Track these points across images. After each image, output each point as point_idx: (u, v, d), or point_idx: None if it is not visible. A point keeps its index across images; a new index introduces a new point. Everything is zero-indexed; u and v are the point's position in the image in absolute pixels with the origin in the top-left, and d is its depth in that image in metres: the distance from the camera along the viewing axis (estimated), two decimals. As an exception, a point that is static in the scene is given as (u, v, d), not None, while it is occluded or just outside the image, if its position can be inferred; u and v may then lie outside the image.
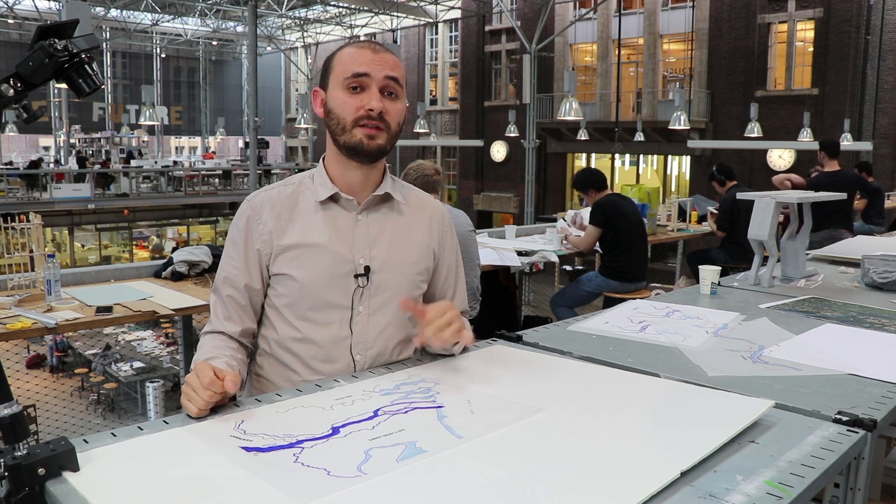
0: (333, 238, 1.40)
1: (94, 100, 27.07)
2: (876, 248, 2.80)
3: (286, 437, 1.04)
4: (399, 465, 0.94)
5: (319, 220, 1.41)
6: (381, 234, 1.44)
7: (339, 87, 1.37)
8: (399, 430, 1.06)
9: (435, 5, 22.21)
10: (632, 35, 19.00)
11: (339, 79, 1.37)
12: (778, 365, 1.47)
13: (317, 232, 1.40)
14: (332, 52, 1.44)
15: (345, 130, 1.37)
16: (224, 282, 1.44)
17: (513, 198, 21.53)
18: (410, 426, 1.07)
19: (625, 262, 4.64)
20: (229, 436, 1.05)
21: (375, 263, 1.41)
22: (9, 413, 0.88)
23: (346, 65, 1.37)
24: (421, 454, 0.97)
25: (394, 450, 0.99)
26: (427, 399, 1.20)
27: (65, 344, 10.70)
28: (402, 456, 0.97)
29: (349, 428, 1.07)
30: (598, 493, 0.88)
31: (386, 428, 1.07)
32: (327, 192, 1.41)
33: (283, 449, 1.00)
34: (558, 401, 1.21)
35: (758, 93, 16.57)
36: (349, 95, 1.36)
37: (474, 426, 1.08)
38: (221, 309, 1.44)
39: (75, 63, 0.94)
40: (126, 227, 20.21)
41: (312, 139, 24.27)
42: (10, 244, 3.30)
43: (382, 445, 1.00)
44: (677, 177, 19.55)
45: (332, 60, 1.41)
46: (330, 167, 1.44)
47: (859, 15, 15.31)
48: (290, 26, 27.44)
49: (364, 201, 1.43)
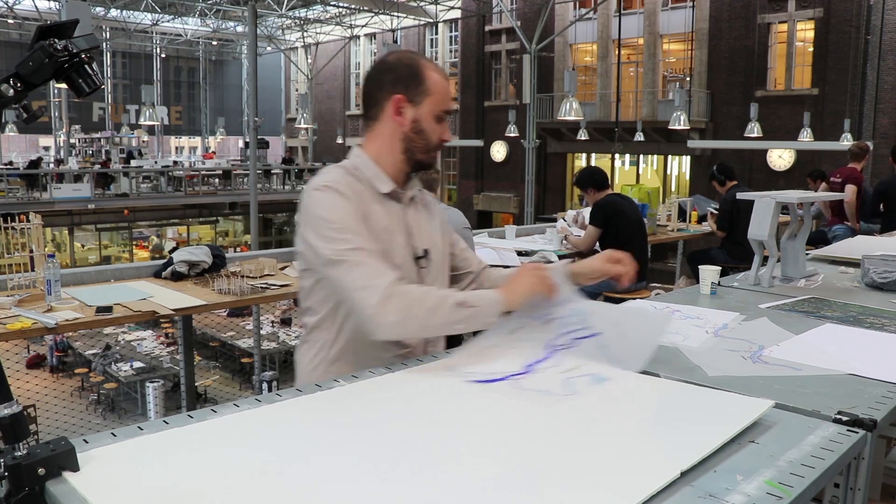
0: (396, 226, 1.53)
1: (94, 100, 27.05)
2: (876, 248, 2.80)
3: (499, 372, 1.30)
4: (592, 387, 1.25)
5: (383, 211, 1.52)
6: (420, 222, 1.60)
7: (433, 113, 1.52)
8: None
9: (435, 5, 22.21)
10: (632, 35, 19.00)
11: (436, 106, 1.52)
12: (778, 365, 1.47)
13: (384, 221, 1.50)
14: (415, 61, 1.53)
15: (428, 151, 1.55)
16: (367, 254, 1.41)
17: (513, 198, 21.53)
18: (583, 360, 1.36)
19: (625, 262, 4.63)
20: (453, 376, 1.31)
21: (427, 247, 1.58)
22: (9, 413, 0.88)
23: (443, 96, 1.53)
24: (606, 381, 1.27)
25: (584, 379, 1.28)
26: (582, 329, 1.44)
27: (65, 344, 10.70)
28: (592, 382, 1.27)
29: (537, 366, 1.33)
30: (598, 492, 0.88)
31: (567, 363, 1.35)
32: (389, 187, 1.53)
33: (502, 380, 1.27)
34: (558, 401, 1.21)
35: (758, 93, 16.56)
36: (437, 123, 1.54)
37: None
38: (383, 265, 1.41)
39: (75, 63, 0.94)
40: (126, 227, 20.20)
41: (312, 139, 24.25)
42: (10, 244, 3.30)
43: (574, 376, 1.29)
44: (677, 177, 19.55)
45: (426, 81, 1.51)
46: (384, 164, 1.55)
47: (859, 15, 15.31)
48: (290, 26, 27.43)
49: (407, 196, 1.58)
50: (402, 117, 1.51)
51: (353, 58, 27.77)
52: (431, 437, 1.05)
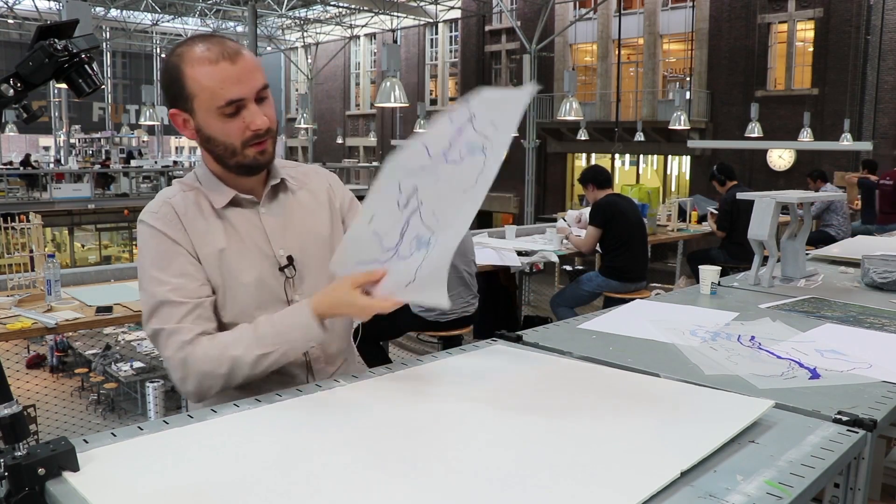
0: (247, 239, 1.36)
1: (94, 100, 27.06)
2: (876, 248, 2.80)
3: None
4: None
5: (227, 224, 1.36)
6: (288, 221, 1.41)
7: (211, 115, 1.27)
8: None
9: (435, 5, 22.19)
10: (632, 35, 18.98)
11: (208, 107, 1.26)
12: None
13: (230, 236, 1.35)
14: (174, 65, 1.27)
15: (235, 154, 1.30)
16: (175, 294, 1.28)
17: (513, 198, 21.51)
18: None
19: (625, 262, 4.63)
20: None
21: (294, 250, 1.39)
22: (9, 413, 0.88)
23: (213, 91, 1.25)
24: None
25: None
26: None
27: (65, 344, 10.68)
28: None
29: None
30: (598, 492, 0.88)
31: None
32: (226, 198, 1.36)
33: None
34: (558, 401, 1.21)
35: (758, 93, 16.55)
36: (227, 121, 1.27)
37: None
38: (197, 315, 1.29)
39: (75, 63, 0.94)
40: (126, 227, 20.17)
41: (312, 139, 24.24)
42: (10, 244, 3.30)
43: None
44: (677, 177, 19.54)
45: (185, 83, 1.26)
46: (219, 172, 1.37)
47: (859, 15, 15.30)
48: (290, 26, 27.42)
49: (262, 196, 1.39)
50: (189, 131, 1.31)
51: (353, 58, 27.79)
52: (433, 436, 1.05)
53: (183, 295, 1.28)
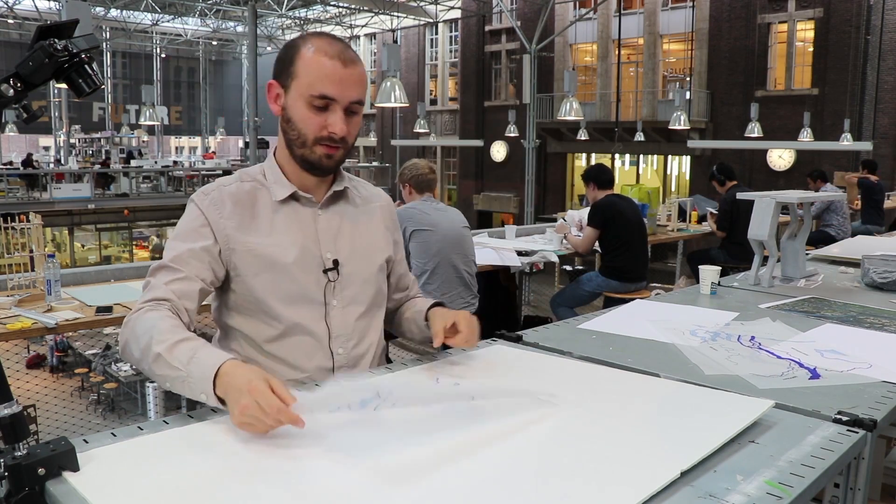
0: (298, 235, 1.38)
1: (94, 100, 27.04)
2: (876, 248, 2.80)
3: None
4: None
5: (282, 218, 1.38)
6: (342, 228, 1.43)
7: (301, 99, 1.30)
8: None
9: (435, 5, 22.19)
10: (632, 35, 18.98)
11: (303, 91, 1.29)
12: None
13: (281, 230, 1.37)
14: (295, 45, 1.33)
15: (304, 145, 1.33)
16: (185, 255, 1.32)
17: (513, 198, 21.52)
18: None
19: (625, 262, 4.63)
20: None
21: (342, 256, 1.40)
22: (9, 413, 0.88)
23: (314, 78, 1.29)
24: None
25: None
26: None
27: (65, 344, 10.68)
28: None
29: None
30: (598, 492, 0.88)
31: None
32: (286, 192, 1.38)
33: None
34: (558, 401, 1.21)
35: (758, 93, 16.55)
36: (312, 113, 1.31)
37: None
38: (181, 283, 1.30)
39: (75, 63, 0.94)
40: (126, 227, 20.19)
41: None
42: (10, 244, 3.29)
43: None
44: (677, 177, 19.54)
45: (295, 60, 1.31)
46: (284, 164, 1.41)
47: (859, 15, 15.30)
48: (290, 26, 27.41)
49: (323, 198, 1.42)
50: (276, 105, 1.35)
51: (353, 58, 27.77)
52: (433, 435, 1.05)
53: (182, 265, 1.31)
